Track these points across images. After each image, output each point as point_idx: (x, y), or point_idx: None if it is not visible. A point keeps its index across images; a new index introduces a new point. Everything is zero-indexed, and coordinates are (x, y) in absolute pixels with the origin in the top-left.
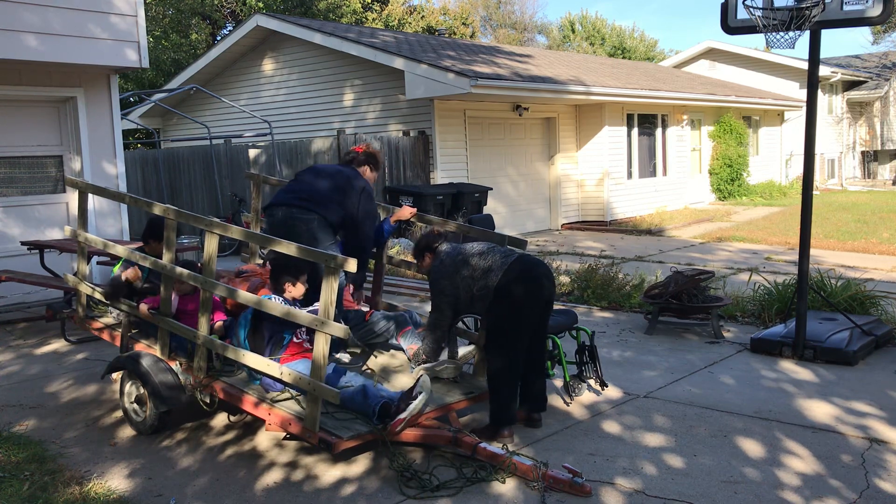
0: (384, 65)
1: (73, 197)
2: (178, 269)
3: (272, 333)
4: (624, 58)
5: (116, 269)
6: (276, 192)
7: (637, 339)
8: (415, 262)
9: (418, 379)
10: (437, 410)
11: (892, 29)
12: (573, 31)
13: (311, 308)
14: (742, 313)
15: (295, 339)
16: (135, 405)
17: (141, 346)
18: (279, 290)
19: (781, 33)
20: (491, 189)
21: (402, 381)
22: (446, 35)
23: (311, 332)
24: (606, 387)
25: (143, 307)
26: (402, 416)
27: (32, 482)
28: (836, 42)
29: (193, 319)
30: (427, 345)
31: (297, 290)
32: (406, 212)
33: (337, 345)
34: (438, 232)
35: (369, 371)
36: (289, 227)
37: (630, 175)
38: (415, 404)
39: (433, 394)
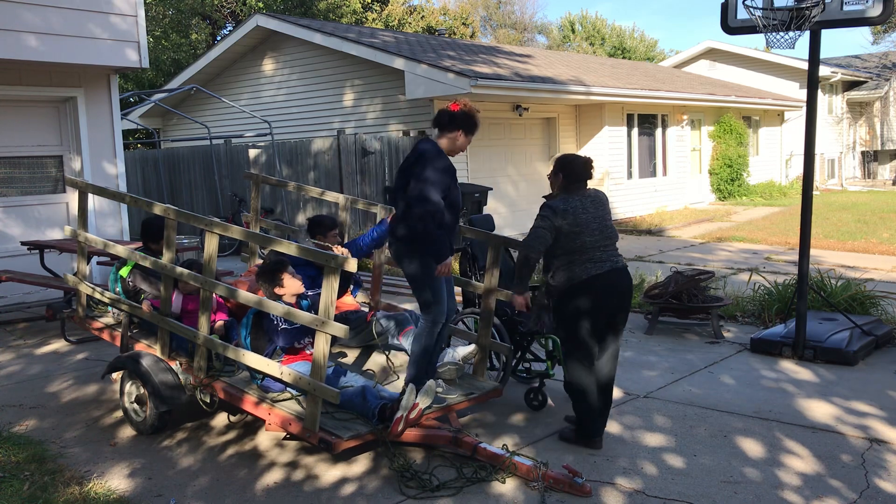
0: (384, 65)
1: (73, 197)
2: (179, 269)
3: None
4: (624, 58)
5: (125, 272)
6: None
7: (637, 339)
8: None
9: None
10: (438, 411)
11: (892, 29)
12: (573, 31)
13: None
14: (742, 313)
15: (297, 345)
16: (135, 405)
17: (141, 346)
18: (273, 295)
19: (781, 33)
20: (491, 189)
21: (403, 382)
22: (446, 35)
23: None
24: None
25: (146, 304)
26: (398, 415)
27: (32, 482)
28: (836, 42)
29: (194, 319)
30: (520, 266)
31: (290, 286)
32: None
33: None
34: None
35: (370, 372)
36: None
37: (630, 175)
38: (405, 399)
39: (436, 395)
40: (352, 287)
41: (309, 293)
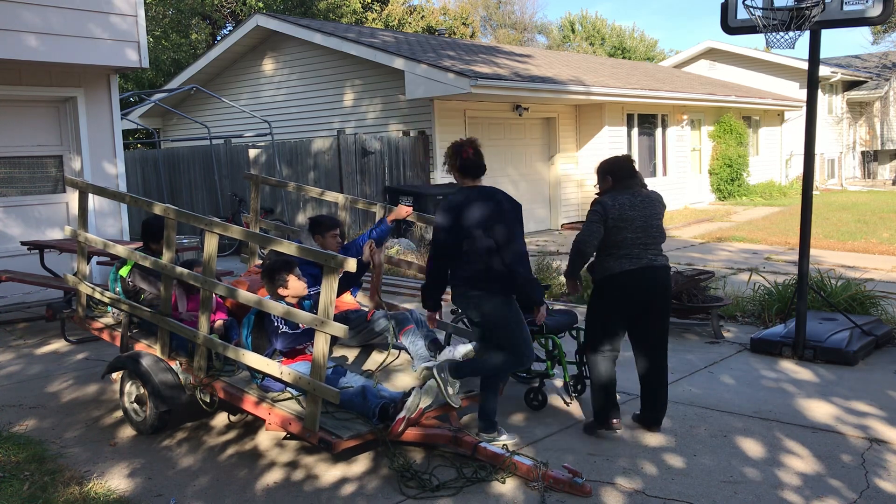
0: (384, 65)
1: (73, 197)
2: (179, 269)
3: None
4: (624, 58)
5: (124, 272)
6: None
7: None
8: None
9: (425, 381)
10: (438, 410)
11: (892, 29)
12: (573, 31)
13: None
14: (742, 313)
15: (296, 347)
16: (135, 405)
17: (141, 346)
18: (276, 294)
19: (781, 33)
20: None
21: (403, 381)
22: (446, 35)
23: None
24: None
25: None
26: (401, 415)
27: (32, 482)
28: (836, 42)
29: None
30: (571, 261)
31: (293, 288)
32: (403, 211)
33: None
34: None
35: (370, 372)
36: None
37: None
38: (410, 401)
39: (437, 395)
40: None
41: (311, 292)
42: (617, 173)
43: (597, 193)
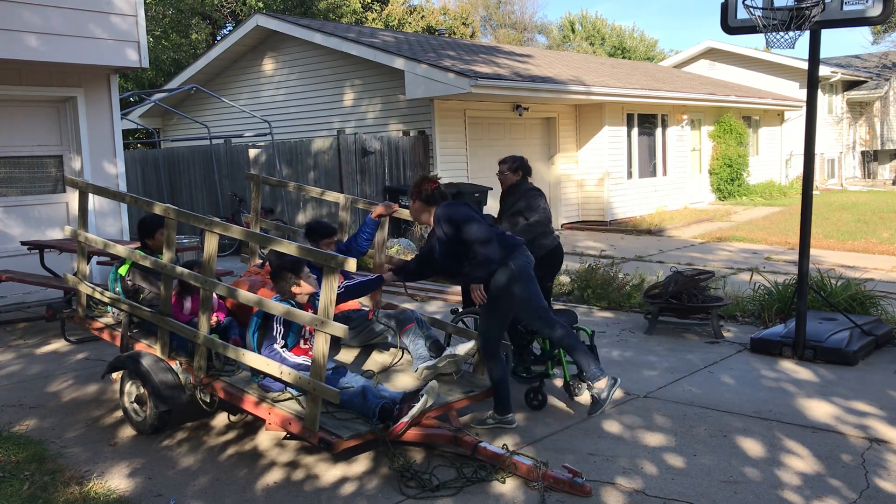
0: (384, 65)
1: (73, 197)
2: (179, 269)
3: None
4: (624, 58)
5: (124, 270)
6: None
7: (637, 339)
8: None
9: (426, 382)
10: (438, 409)
11: (892, 29)
12: (573, 31)
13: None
14: (742, 313)
15: (301, 345)
16: (135, 405)
17: (141, 346)
18: (286, 294)
19: (781, 33)
20: (491, 189)
21: (403, 381)
22: (446, 35)
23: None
24: None
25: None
26: (405, 419)
27: (32, 482)
28: (836, 42)
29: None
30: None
31: (306, 286)
32: (379, 208)
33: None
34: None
35: (370, 371)
36: None
37: (630, 175)
38: (417, 407)
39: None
40: None
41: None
42: (525, 170)
43: (505, 182)
